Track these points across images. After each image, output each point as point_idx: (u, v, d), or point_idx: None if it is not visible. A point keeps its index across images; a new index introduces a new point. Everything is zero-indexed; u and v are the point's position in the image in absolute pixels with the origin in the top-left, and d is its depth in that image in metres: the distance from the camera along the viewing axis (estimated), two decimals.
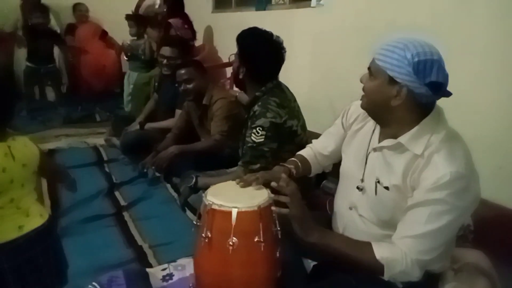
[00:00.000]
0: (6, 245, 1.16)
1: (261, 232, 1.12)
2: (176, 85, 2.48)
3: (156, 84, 3.28)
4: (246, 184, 1.24)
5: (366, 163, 1.20)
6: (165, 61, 2.90)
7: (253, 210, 1.13)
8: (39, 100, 4.55)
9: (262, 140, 1.74)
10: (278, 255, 1.21)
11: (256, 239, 1.13)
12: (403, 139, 1.07)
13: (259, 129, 1.73)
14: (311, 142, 1.58)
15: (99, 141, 3.37)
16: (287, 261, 1.27)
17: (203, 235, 1.16)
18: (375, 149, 1.17)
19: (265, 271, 1.18)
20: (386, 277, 1.06)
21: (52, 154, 3.04)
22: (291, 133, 1.83)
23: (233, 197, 1.18)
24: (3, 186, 1.14)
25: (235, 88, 2.31)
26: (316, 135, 1.60)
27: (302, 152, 1.54)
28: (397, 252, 1.05)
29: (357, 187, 1.20)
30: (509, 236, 1.57)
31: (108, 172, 2.69)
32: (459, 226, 1.06)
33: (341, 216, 1.30)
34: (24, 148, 1.22)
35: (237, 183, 1.26)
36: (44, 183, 2.46)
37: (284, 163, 1.46)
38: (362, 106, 1.17)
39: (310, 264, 1.49)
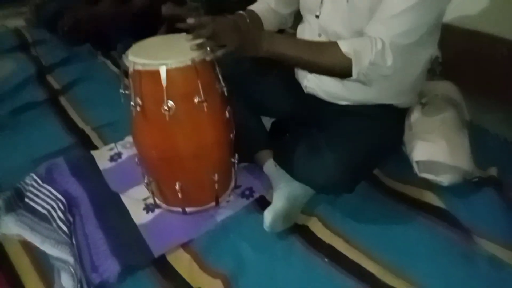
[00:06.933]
0: None
1: (201, 90, 0.94)
2: None
3: None
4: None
5: None
6: None
7: (186, 65, 0.91)
8: None
9: None
10: (227, 115, 1.06)
11: (196, 100, 0.95)
12: None
13: None
14: None
15: (21, 22, 2.87)
16: (242, 121, 1.13)
17: (132, 104, 0.97)
18: None
19: (214, 134, 1.03)
20: (354, 74, 0.91)
21: None
22: None
23: (160, 53, 0.95)
24: None
25: None
26: None
27: (252, 7, 1.24)
28: (366, 40, 0.91)
29: (321, 1, 1.03)
30: (480, 63, 1.46)
31: (36, 55, 2.30)
32: (438, 11, 0.93)
33: None
34: None
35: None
36: None
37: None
38: None
39: (269, 121, 1.37)
